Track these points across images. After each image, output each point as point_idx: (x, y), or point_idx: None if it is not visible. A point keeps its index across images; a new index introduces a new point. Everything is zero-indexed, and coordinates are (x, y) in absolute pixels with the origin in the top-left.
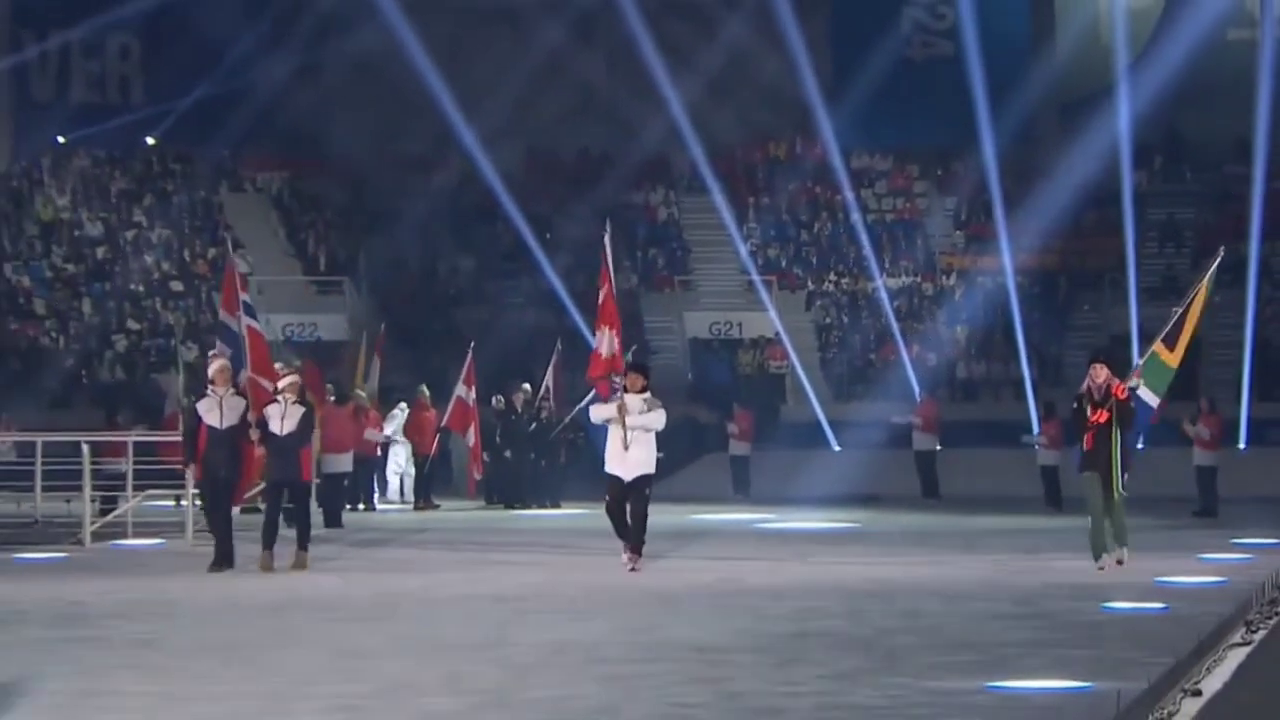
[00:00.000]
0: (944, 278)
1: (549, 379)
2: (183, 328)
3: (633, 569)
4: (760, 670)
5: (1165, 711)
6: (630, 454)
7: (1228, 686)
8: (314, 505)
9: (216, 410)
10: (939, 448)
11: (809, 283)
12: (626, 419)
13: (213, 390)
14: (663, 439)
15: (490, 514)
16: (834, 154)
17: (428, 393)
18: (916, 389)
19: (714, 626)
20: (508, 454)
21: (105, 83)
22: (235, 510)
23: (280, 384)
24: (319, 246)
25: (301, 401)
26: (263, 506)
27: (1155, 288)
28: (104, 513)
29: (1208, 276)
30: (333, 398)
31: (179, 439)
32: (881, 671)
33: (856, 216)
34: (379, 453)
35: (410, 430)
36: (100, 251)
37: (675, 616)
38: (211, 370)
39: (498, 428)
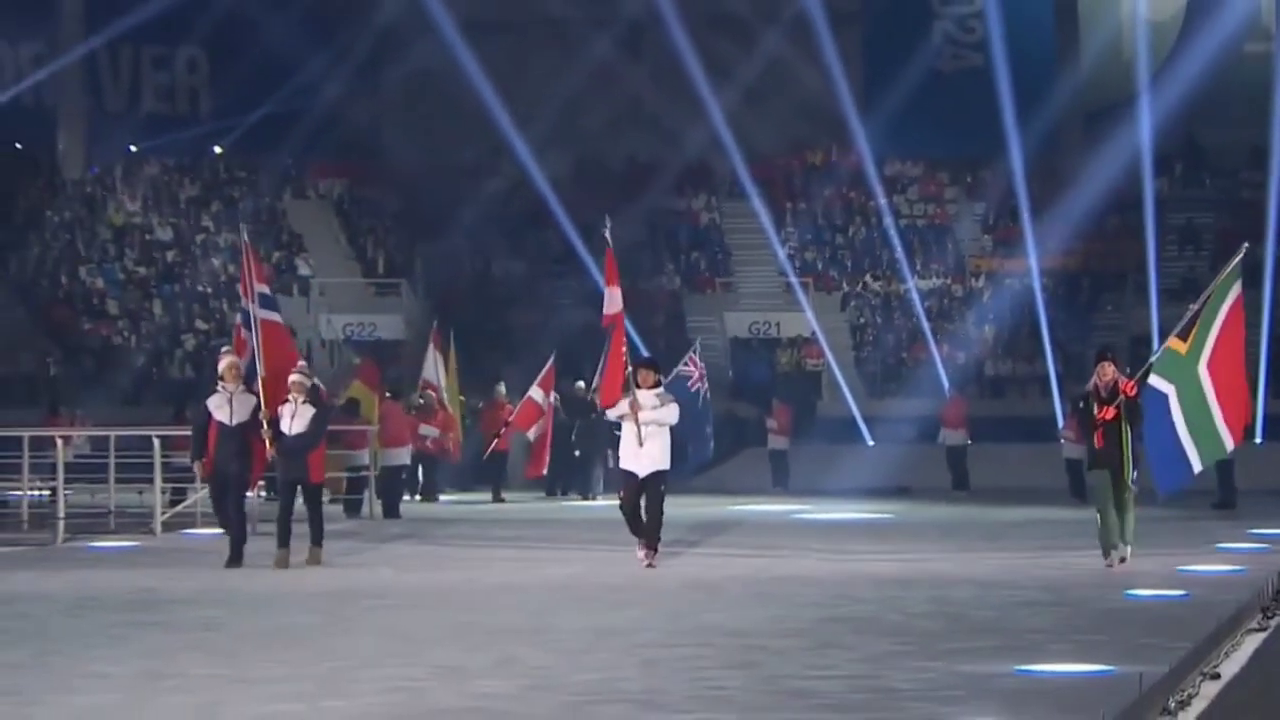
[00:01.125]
0: (973, 279)
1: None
2: None
3: (649, 565)
4: (795, 654)
5: (1185, 694)
6: (645, 450)
7: (1245, 670)
8: (372, 497)
9: (226, 406)
10: (969, 442)
11: (844, 284)
12: (640, 415)
13: (222, 386)
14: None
15: (548, 505)
16: (867, 161)
17: (504, 391)
18: (946, 386)
19: (750, 613)
20: (577, 453)
21: (175, 94)
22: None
23: (290, 379)
24: (377, 250)
25: (313, 402)
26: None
27: (1175, 289)
28: (174, 504)
29: (1226, 273)
30: (390, 394)
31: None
32: (912, 655)
33: (889, 221)
34: (434, 449)
35: (485, 427)
36: (170, 255)
37: (713, 603)
38: (221, 366)
39: (574, 425)
